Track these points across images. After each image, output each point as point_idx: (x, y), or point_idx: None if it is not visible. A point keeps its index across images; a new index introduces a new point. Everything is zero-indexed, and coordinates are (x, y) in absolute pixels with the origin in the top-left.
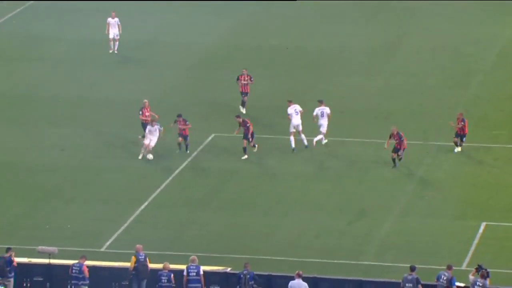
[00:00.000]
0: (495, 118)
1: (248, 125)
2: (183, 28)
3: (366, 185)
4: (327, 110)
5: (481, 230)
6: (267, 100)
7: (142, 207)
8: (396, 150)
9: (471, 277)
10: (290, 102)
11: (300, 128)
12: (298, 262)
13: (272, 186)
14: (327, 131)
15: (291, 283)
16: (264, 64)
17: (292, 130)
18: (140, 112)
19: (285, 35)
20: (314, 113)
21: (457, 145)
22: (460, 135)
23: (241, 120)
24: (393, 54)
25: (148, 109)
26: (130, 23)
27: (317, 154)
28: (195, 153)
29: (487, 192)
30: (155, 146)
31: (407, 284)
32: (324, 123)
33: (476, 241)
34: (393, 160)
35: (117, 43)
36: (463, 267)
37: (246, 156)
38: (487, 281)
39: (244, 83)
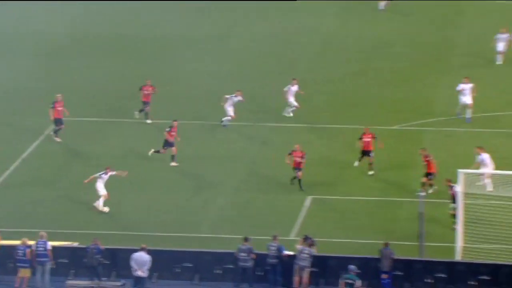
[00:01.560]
0: (318, 100)
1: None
2: (32, 18)
3: (202, 164)
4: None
5: (307, 203)
6: (116, 85)
7: None
8: (427, 174)
9: (298, 246)
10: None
11: None
12: (142, 236)
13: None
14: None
15: (134, 255)
16: (114, 52)
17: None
18: (52, 106)
19: (132, 24)
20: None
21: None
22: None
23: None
24: (228, 42)
25: (61, 104)
26: None
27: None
28: (41, 137)
29: (312, 168)
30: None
31: (241, 254)
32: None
33: (302, 213)
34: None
35: None
36: (291, 237)
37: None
38: (313, 249)
39: (147, 93)
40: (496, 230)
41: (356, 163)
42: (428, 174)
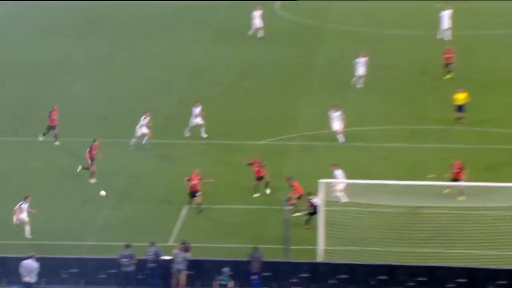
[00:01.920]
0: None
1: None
2: None
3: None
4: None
5: (183, 212)
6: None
7: None
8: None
9: (175, 251)
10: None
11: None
12: (33, 245)
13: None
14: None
15: (23, 262)
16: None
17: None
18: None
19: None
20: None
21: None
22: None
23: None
24: (107, 66)
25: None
26: None
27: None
28: None
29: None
30: None
31: (123, 259)
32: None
33: (180, 221)
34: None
35: None
36: (170, 243)
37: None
38: (188, 254)
39: (54, 118)
40: (353, 233)
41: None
42: (298, 197)
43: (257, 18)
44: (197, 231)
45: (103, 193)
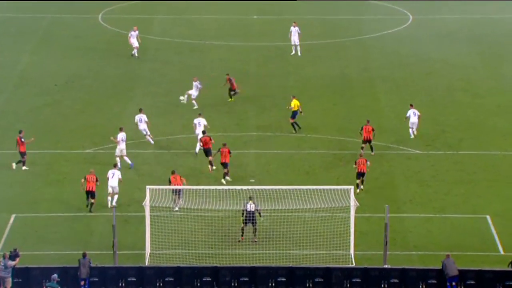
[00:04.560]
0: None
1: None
2: None
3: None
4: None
5: (11, 221)
6: None
7: None
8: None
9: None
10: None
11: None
12: None
13: None
14: None
15: None
16: None
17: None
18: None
19: None
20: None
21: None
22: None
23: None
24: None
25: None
26: None
27: None
28: None
29: (16, 189)
30: None
31: None
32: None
33: (7, 230)
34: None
35: None
36: None
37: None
38: (15, 261)
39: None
40: (179, 237)
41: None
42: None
43: (133, 38)
44: (25, 239)
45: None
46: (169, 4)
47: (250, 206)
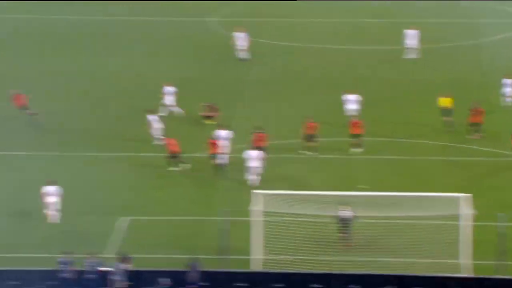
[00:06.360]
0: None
1: None
2: None
3: None
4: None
5: (124, 224)
6: None
7: None
8: None
9: (114, 263)
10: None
11: None
12: None
13: None
14: None
15: None
16: None
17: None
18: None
19: None
20: None
21: None
22: None
23: None
24: None
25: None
26: None
27: None
28: None
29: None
30: None
31: (61, 265)
32: None
33: (117, 232)
34: None
35: None
36: (106, 254)
37: None
38: (127, 265)
39: None
40: (287, 242)
41: None
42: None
43: (240, 39)
44: (134, 242)
45: None
46: (280, 6)
47: (346, 213)
